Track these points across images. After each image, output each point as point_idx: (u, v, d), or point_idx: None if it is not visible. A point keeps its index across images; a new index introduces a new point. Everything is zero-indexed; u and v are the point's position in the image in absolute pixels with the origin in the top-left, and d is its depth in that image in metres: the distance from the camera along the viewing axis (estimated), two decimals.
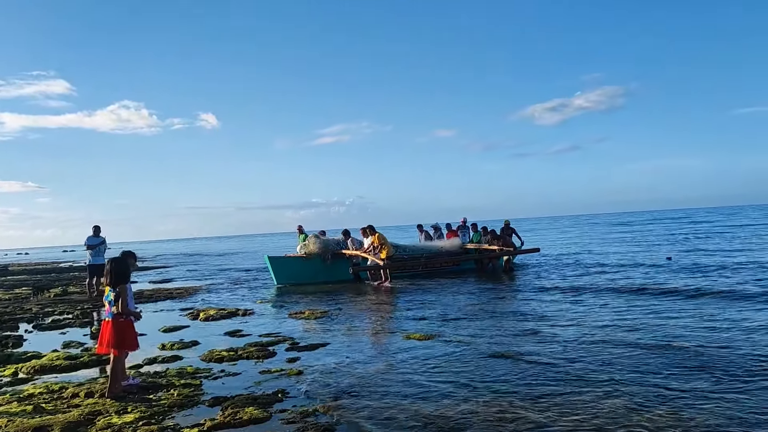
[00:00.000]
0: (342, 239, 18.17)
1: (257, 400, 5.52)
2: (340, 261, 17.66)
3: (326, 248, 17.75)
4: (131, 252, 6.43)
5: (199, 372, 6.80)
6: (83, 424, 4.95)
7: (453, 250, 19.46)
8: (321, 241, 17.86)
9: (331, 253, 17.73)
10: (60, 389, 6.15)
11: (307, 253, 17.76)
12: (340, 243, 18.06)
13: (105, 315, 5.96)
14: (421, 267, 18.62)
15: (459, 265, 19.40)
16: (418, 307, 11.51)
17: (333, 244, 18.03)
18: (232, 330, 9.83)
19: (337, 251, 17.80)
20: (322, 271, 17.63)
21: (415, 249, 19.13)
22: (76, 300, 15.88)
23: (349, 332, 9.20)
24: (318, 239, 17.94)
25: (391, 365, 6.84)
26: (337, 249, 17.87)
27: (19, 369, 7.33)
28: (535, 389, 5.59)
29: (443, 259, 19.06)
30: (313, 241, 17.84)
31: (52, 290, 19.07)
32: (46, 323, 11.75)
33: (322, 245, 17.73)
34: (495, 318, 9.84)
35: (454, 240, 20.09)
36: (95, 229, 15.59)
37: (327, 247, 17.78)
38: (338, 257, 17.73)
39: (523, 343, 7.74)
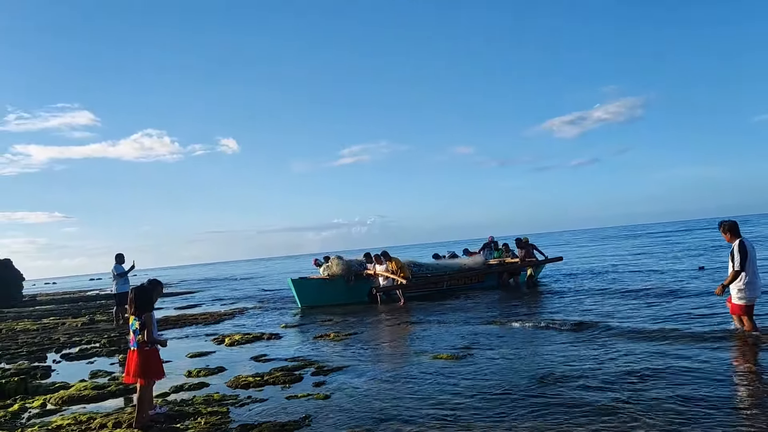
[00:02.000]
0: (364, 261, 18.11)
1: (285, 426, 5.45)
2: (362, 282, 17.61)
3: (349, 269, 17.69)
4: (158, 281, 6.44)
5: (225, 399, 6.75)
6: None
7: (476, 266, 19.33)
8: (344, 263, 17.82)
9: (354, 274, 17.67)
10: (88, 420, 6.13)
11: (331, 275, 17.73)
12: (362, 264, 18.01)
13: (131, 344, 5.95)
14: (445, 284, 18.48)
15: (483, 282, 19.22)
16: (444, 327, 11.36)
17: (356, 265, 17.98)
18: (257, 355, 9.78)
19: (359, 272, 17.74)
20: (345, 292, 17.56)
21: (438, 266, 19.05)
22: (103, 329, 15.98)
23: (376, 354, 9.10)
24: (341, 260, 17.91)
25: (420, 387, 6.72)
26: (359, 270, 17.80)
27: (47, 400, 7.33)
28: (571, 414, 5.44)
29: (466, 275, 18.89)
30: (336, 263, 17.81)
31: (79, 319, 19.23)
32: (74, 353, 11.81)
33: (345, 266, 17.68)
34: (525, 337, 9.66)
35: (477, 257, 19.96)
36: (119, 258, 15.70)
37: (350, 269, 17.72)
38: (361, 278, 17.68)
39: (555, 362, 7.58)
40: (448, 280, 18.55)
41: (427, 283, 18.11)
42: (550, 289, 17.22)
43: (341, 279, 17.61)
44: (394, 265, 16.63)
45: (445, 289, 18.37)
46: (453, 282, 18.69)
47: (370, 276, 17.44)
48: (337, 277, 17.62)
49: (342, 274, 17.59)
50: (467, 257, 20.10)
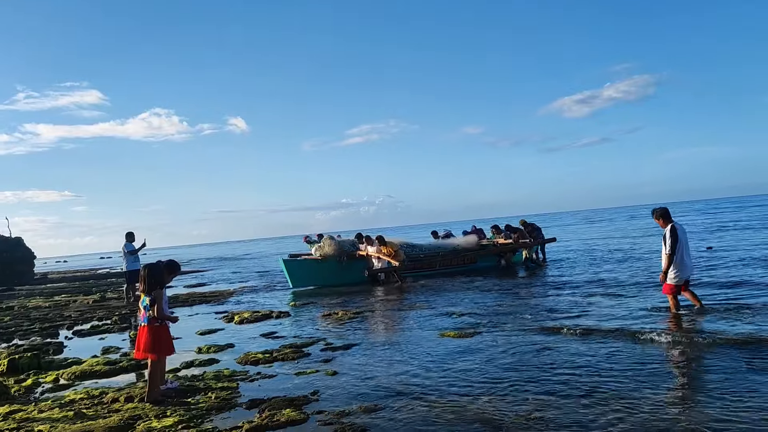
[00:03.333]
0: (356, 241, 17.98)
1: (294, 401, 5.51)
2: (355, 262, 17.39)
3: (341, 250, 17.45)
4: (177, 265, 6.51)
5: (235, 375, 6.83)
6: (124, 429, 5.01)
7: (469, 246, 19.21)
8: (337, 243, 17.59)
9: (347, 255, 17.45)
10: (100, 395, 6.24)
11: (323, 255, 17.47)
12: (355, 244, 17.84)
13: (141, 320, 6.01)
14: (438, 265, 18.41)
15: (476, 263, 19.15)
16: (448, 305, 11.41)
17: (348, 245, 17.80)
18: (266, 332, 9.87)
19: (352, 253, 17.55)
20: (338, 273, 17.32)
21: (431, 247, 18.94)
22: (114, 306, 16.16)
23: (383, 331, 9.17)
24: (333, 240, 17.69)
25: (427, 363, 6.78)
26: (352, 250, 17.61)
27: (60, 375, 7.45)
28: (579, 386, 5.48)
29: (460, 256, 18.81)
30: (328, 243, 17.55)
31: (90, 296, 19.44)
32: (86, 329, 11.97)
33: (337, 247, 17.44)
34: (528, 313, 9.69)
35: (470, 237, 19.88)
36: (129, 236, 15.81)
37: (342, 249, 17.49)
38: (354, 259, 17.47)
39: (559, 340, 7.61)
40: (441, 261, 18.50)
41: (420, 264, 18.02)
42: (549, 268, 17.22)
43: (334, 260, 17.39)
44: (390, 249, 16.59)
45: (438, 269, 18.31)
46: (446, 263, 18.60)
47: (362, 257, 17.33)
48: (330, 257, 17.38)
49: (334, 254, 17.35)
50: (461, 237, 20.01)
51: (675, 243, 8.32)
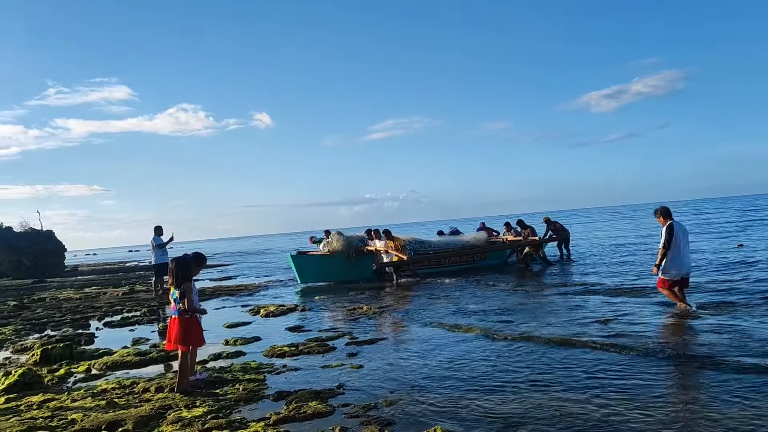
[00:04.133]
0: (365, 237, 17.91)
1: (320, 394, 5.58)
2: (364, 258, 17.33)
3: (350, 245, 17.41)
4: (203, 257, 6.61)
5: (262, 367, 6.93)
6: (154, 418, 5.12)
7: (479, 243, 19.08)
8: (345, 238, 17.53)
9: (355, 251, 17.38)
10: (131, 384, 6.38)
11: (331, 251, 17.44)
12: (363, 240, 17.76)
13: (171, 312, 6.13)
14: (447, 262, 18.31)
15: (485, 260, 19.01)
16: (473, 302, 11.41)
17: (356, 241, 17.73)
18: (292, 326, 9.98)
19: (360, 248, 17.49)
20: (347, 268, 17.26)
21: (440, 244, 18.81)
22: (143, 298, 16.44)
23: (407, 327, 9.20)
24: (341, 236, 17.63)
25: (450, 359, 6.80)
26: (360, 246, 17.54)
27: (92, 365, 7.63)
28: (600, 384, 5.46)
29: (469, 252, 18.70)
30: (336, 239, 17.51)
31: (120, 288, 19.80)
32: (116, 321, 12.21)
33: (345, 242, 17.41)
34: (549, 311, 9.65)
35: (480, 233, 19.74)
36: (157, 230, 16.06)
37: (351, 244, 17.45)
38: (362, 254, 17.40)
39: (582, 336, 7.57)
40: (450, 258, 18.40)
41: (428, 261, 17.93)
42: (570, 267, 17.07)
43: (342, 255, 17.34)
44: (397, 243, 16.53)
45: (447, 266, 18.23)
46: (455, 259, 18.48)
47: (371, 252, 17.27)
48: (338, 253, 17.34)
49: (342, 250, 17.31)
50: (470, 234, 19.91)
51: (669, 239, 8.65)
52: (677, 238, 8.69)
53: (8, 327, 12.04)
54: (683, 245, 8.76)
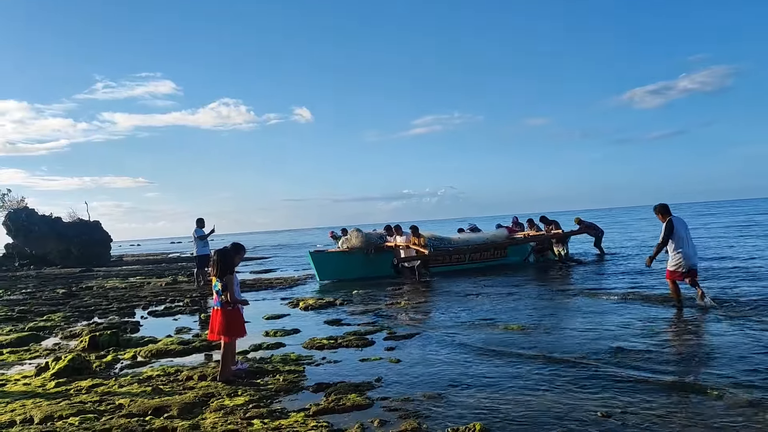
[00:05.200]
0: (384, 233, 17.75)
1: (358, 387, 5.63)
2: (383, 255, 17.20)
3: (369, 242, 17.32)
4: (241, 246, 6.72)
5: (301, 359, 7.03)
6: (198, 405, 5.25)
7: (499, 240, 18.85)
8: (363, 235, 17.44)
9: (375, 247, 17.27)
10: (175, 372, 6.55)
11: (350, 248, 17.37)
12: (383, 237, 17.63)
13: (214, 304, 6.26)
14: (468, 259, 18.14)
15: (506, 257, 18.80)
16: (511, 299, 11.33)
17: (375, 237, 17.63)
18: (330, 319, 10.08)
19: (379, 245, 17.37)
20: (366, 265, 17.16)
21: (460, 241, 18.63)
22: (185, 289, 16.80)
23: (446, 322, 9.19)
24: (360, 233, 17.54)
25: (490, 355, 6.78)
26: (379, 243, 17.43)
27: (138, 352, 7.85)
28: (645, 386, 5.38)
29: (489, 249, 18.48)
30: (355, 235, 17.44)
31: (163, 279, 20.27)
32: (159, 310, 12.52)
33: (364, 239, 17.32)
34: (596, 310, 9.51)
35: (500, 230, 19.50)
36: (199, 222, 16.38)
37: (370, 241, 17.35)
38: (381, 251, 17.27)
39: (626, 337, 7.45)
40: (471, 255, 18.22)
41: (450, 258, 17.75)
42: (600, 266, 16.76)
43: (361, 252, 17.26)
44: (423, 240, 16.36)
45: (468, 264, 18.05)
46: (476, 256, 18.31)
47: (391, 248, 17.13)
48: (357, 250, 17.27)
49: (361, 247, 17.23)
50: (490, 231, 19.67)
51: (669, 234, 9.11)
52: (678, 233, 9.09)
53: (58, 314, 12.47)
54: (686, 238, 9.14)
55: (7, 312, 12.94)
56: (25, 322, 11.59)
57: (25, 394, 5.96)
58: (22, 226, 36.32)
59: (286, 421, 4.71)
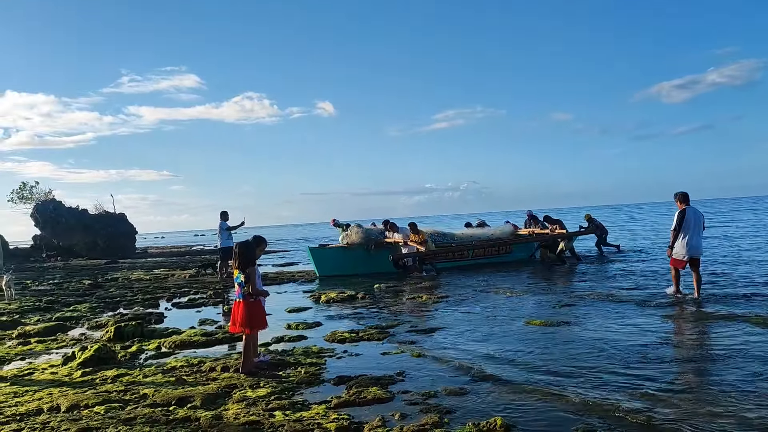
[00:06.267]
0: (383, 229, 17.57)
1: (379, 380, 5.64)
2: (383, 251, 16.94)
3: (369, 238, 17.16)
4: (263, 238, 6.75)
5: (323, 352, 7.05)
6: (221, 396, 5.30)
7: (504, 236, 18.65)
8: (363, 231, 17.32)
9: (375, 243, 17.12)
10: (199, 363, 6.61)
11: (349, 243, 17.27)
12: (383, 233, 17.48)
13: (236, 296, 6.30)
14: (471, 255, 17.97)
15: (511, 253, 18.60)
16: (533, 293, 11.26)
17: (376, 233, 17.49)
18: (352, 312, 10.10)
19: (380, 240, 17.22)
20: (366, 261, 17.02)
21: (464, 236, 18.44)
22: (209, 281, 16.97)
23: (467, 317, 9.16)
24: (361, 228, 17.42)
25: (512, 350, 6.74)
26: (380, 238, 17.27)
27: (162, 343, 7.95)
28: (675, 378, 5.31)
29: (493, 245, 18.27)
30: (355, 231, 17.32)
31: (186, 271, 20.49)
32: (183, 302, 12.67)
33: (364, 235, 17.18)
34: (618, 308, 9.41)
35: (506, 226, 19.32)
36: (224, 215, 16.52)
37: (369, 237, 17.20)
38: (381, 247, 17.08)
39: (649, 336, 7.36)
40: (474, 251, 18.05)
41: (452, 254, 17.62)
42: (619, 265, 16.54)
43: (361, 248, 17.13)
44: (421, 237, 16.18)
45: (471, 259, 17.88)
46: (479, 253, 18.12)
47: (390, 244, 16.95)
48: (356, 246, 17.14)
49: (361, 242, 17.09)
50: (496, 227, 19.52)
51: (680, 222, 9.58)
52: (688, 222, 9.57)
53: (84, 304, 12.68)
54: (693, 229, 9.60)
55: (35, 302, 13.19)
56: (52, 312, 11.81)
57: (52, 383, 6.07)
58: (50, 218, 36.99)
59: (308, 413, 4.73)
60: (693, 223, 9.60)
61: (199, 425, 4.51)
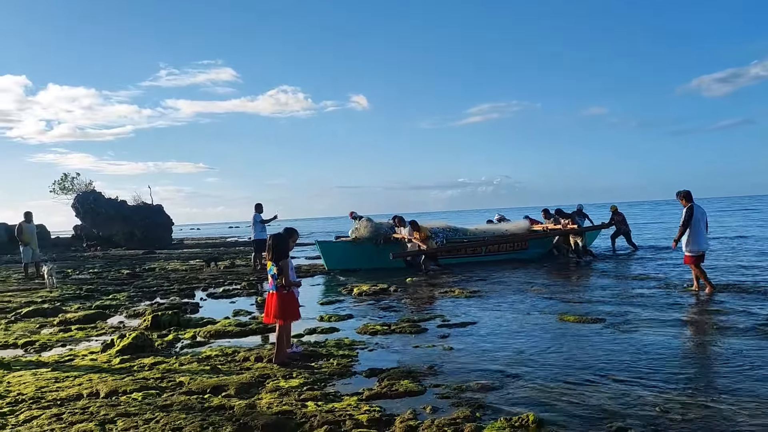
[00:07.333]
0: (393, 224, 17.35)
1: (411, 373, 5.65)
2: (391, 246, 16.79)
3: (378, 232, 17.01)
4: (294, 229, 6.80)
5: (355, 344, 7.09)
6: (254, 385, 5.38)
7: (519, 232, 18.31)
8: (372, 225, 17.15)
9: (384, 238, 16.95)
10: (233, 353, 6.72)
11: (358, 237, 17.15)
12: (393, 228, 17.30)
13: (269, 288, 6.37)
14: (484, 251, 17.74)
15: (527, 249, 18.29)
16: (567, 290, 11.13)
17: (386, 228, 17.30)
18: (384, 305, 10.13)
19: (389, 236, 17.04)
20: (374, 256, 16.89)
21: (477, 232, 18.18)
22: (243, 272, 17.18)
23: (500, 312, 9.10)
24: (370, 223, 17.26)
25: (545, 346, 6.67)
26: (389, 233, 17.11)
27: (197, 333, 8.09)
28: (713, 379, 5.20)
29: (507, 241, 17.99)
30: (364, 225, 17.17)
31: (221, 263, 20.79)
32: (218, 293, 12.86)
33: (373, 229, 17.03)
34: (658, 306, 9.24)
35: (521, 222, 19.01)
36: (258, 207, 16.70)
37: (378, 231, 17.05)
38: (390, 242, 16.92)
39: (693, 330, 7.21)
40: (487, 247, 17.81)
41: (464, 250, 17.42)
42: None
43: (369, 242, 16.97)
44: (423, 234, 16.00)
45: (484, 256, 17.67)
46: (492, 249, 17.89)
47: (397, 240, 16.82)
48: (364, 240, 17.00)
49: (369, 237, 16.93)
50: (511, 223, 19.26)
51: (689, 218, 9.88)
52: (696, 219, 9.89)
53: (122, 293, 12.98)
54: (702, 225, 10.00)
55: (76, 290, 13.55)
56: (92, 300, 12.12)
57: (91, 369, 6.23)
58: (90, 208, 37.81)
59: (340, 404, 4.77)
60: (701, 220, 10.00)
61: (233, 413, 4.58)
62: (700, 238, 9.98)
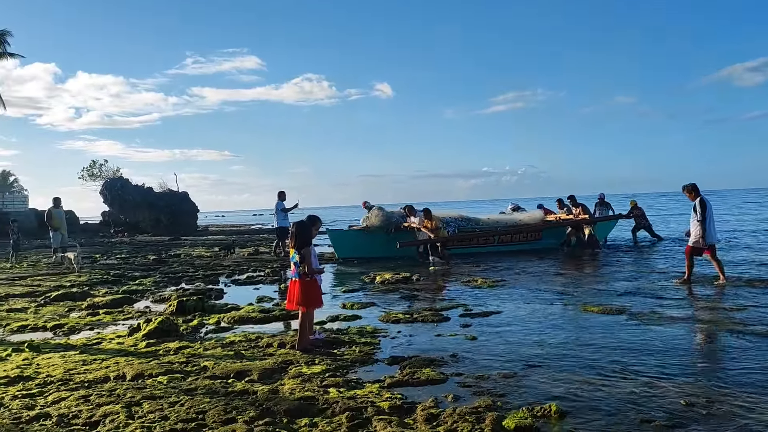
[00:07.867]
0: (404, 213, 17.12)
1: (433, 362, 5.65)
2: (401, 234, 16.58)
3: (389, 221, 16.90)
4: (317, 217, 6.82)
5: (377, 332, 7.11)
6: (277, 371, 5.43)
7: (532, 222, 18.10)
8: (383, 214, 17.06)
9: (395, 227, 16.81)
10: (256, 338, 6.79)
11: (369, 226, 17.08)
12: (404, 216, 17.09)
13: (292, 275, 6.41)
14: (496, 241, 17.56)
15: (540, 240, 18.06)
16: (592, 282, 11.01)
17: (397, 217, 17.16)
18: (406, 294, 10.14)
19: (400, 225, 16.87)
20: (385, 245, 16.59)
21: (489, 222, 18.00)
22: (266, 259, 17.32)
23: (524, 301, 9.05)
24: (381, 212, 17.17)
25: (568, 336, 6.63)
26: (400, 222, 16.95)
27: (222, 318, 8.18)
28: (739, 373, 5.12)
29: (520, 231, 17.78)
30: (375, 214, 17.10)
31: (245, 249, 20.98)
32: (242, 279, 12.99)
33: (384, 218, 16.93)
34: (683, 299, 9.11)
35: (535, 212, 18.76)
36: (281, 195, 16.79)
37: (390, 220, 16.94)
38: (400, 231, 16.74)
39: (714, 325, 7.10)
40: (499, 237, 17.64)
41: (476, 240, 17.28)
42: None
43: (380, 231, 16.88)
44: (433, 224, 15.73)
45: (497, 246, 17.51)
46: (505, 239, 17.71)
47: (406, 229, 16.61)
48: (375, 228, 16.92)
49: (380, 226, 16.85)
50: (525, 213, 19.04)
51: (705, 211, 9.93)
52: (709, 211, 10.03)
53: (149, 279, 13.18)
54: (711, 217, 10.12)
55: (104, 275, 13.79)
56: (119, 285, 12.32)
57: (118, 352, 6.34)
58: (117, 195, 38.41)
59: (361, 391, 4.79)
60: (712, 213, 10.18)
61: (256, 398, 4.64)
62: (713, 229, 10.13)
